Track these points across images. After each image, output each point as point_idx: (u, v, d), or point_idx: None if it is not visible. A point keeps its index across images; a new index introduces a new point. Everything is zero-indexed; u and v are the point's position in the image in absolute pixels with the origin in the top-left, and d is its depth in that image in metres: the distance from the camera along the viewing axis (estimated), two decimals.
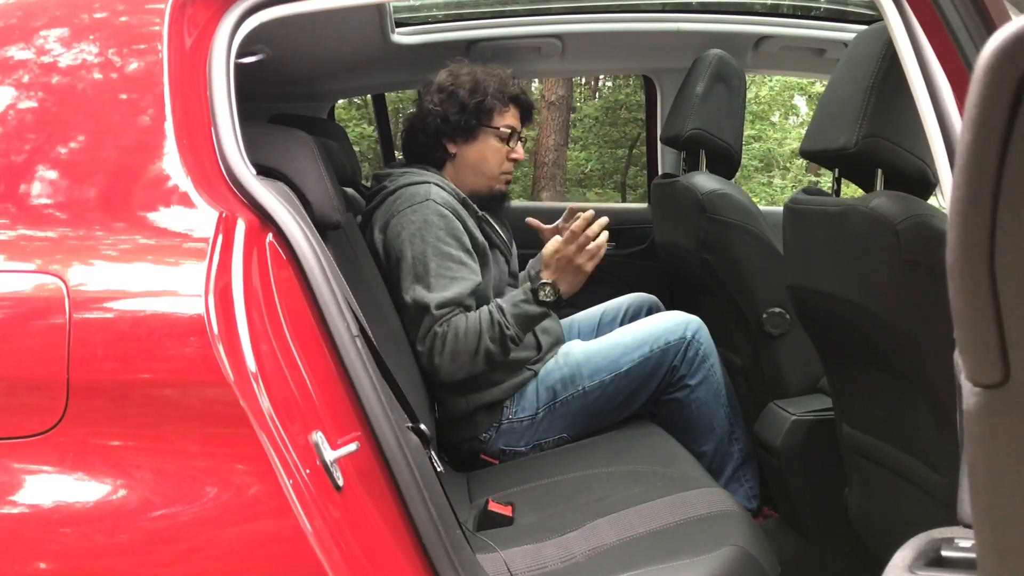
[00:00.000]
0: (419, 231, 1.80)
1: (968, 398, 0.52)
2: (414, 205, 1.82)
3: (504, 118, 1.98)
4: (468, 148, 1.98)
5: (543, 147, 8.55)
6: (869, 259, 1.27)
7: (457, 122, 1.95)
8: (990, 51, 0.45)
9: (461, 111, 1.95)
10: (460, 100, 1.94)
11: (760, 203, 3.50)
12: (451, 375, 1.79)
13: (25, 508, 0.92)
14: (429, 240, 1.79)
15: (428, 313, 1.76)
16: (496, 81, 1.97)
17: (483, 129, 1.97)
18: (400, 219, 1.83)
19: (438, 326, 1.76)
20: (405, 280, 1.80)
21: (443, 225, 1.81)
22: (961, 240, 0.49)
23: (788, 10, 2.39)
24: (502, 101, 1.97)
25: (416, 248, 1.79)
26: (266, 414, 0.93)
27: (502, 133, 1.98)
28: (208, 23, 1.17)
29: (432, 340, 1.76)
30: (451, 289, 1.78)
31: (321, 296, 1.09)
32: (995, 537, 0.54)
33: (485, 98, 1.94)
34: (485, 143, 1.98)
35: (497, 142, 1.98)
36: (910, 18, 1.12)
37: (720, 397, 1.96)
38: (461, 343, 1.76)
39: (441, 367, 1.77)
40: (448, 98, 1.95)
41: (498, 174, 2.01)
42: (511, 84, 1.99)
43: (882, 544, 1.42)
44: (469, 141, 1.98)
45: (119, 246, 1.02)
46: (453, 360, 1.77)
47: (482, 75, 1.97)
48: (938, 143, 1.10)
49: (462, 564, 1.12)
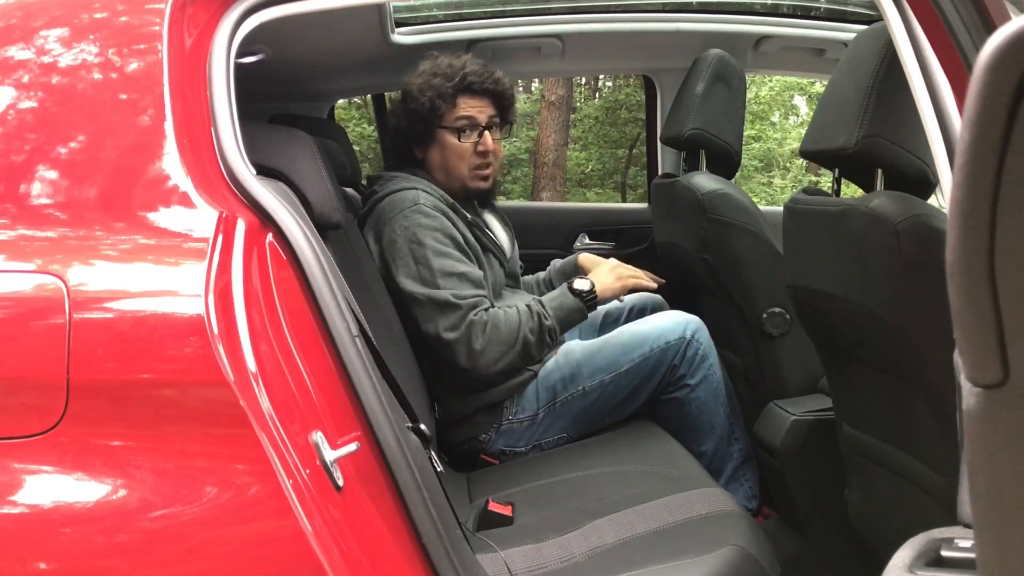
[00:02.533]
0: (414, 235, 1.79)
1: (968, 398, 0.52)
2: (404, 211, 1.82)
3: (456, 112, 1.93)
4: (431, 151, 1.97)
5: (543, 147, 8.55)
6: (869, 259, 1.27)
7: (410, 128, 1.95)
8: (990, 51, 0.45)
9: (410, 117, 1.94)
10: (408, 107, 1.94)
11: (760, 203, 3.49)
12: (488, 366, 1.79)
13: (25, 508, 0.92)
14: (426, 242, 1.79)
15: (454, 307, 1.76)
16: (442, 78, 1.91)
17: (436, 130, 1.94)
18: (392, 227, 1.82)
19: (473, 315, 1.76)
20: (411, 285, 1.79)
21: (436, 225, 1.81)
22: (961, 240, 0.49)
23: (788, 10, 2.39)
24: (446, 98, 1.91)
25: (416, 252, 1.79)
26: (266, 414, 0.93)
27: (455, 128, 1.93)
28: (208, 23, 1.17)
29: (469, 329, 1.76)
30: (464, 283, 1.78)
31: (321, 296, 1.09)
32: (995, 537, 0.54)
33: (427, 99, 1.91)
34: (443, 143, 1.95)
35: (454, 139, 1.94)
36: (910, 18, 1.12)
37: (720, 397, 1.96)
38: (501, 333, 1.77)
39: (482, 355, 1.77)
40: (401, 105, 1.97)
41: (468, 171, 1.96)
42: (461, 76, 1.91)
43: (882, 544, 1.42)
44: (429, 144, 1.97)
45: (119, 246, 1.02)
46: (491, 349, 1.77)
47: (431, 74, 1.93)
48: (938, 143, 1.10)
49: (462, 564, 1.12)
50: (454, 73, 1.92)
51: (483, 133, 1.95)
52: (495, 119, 1.98)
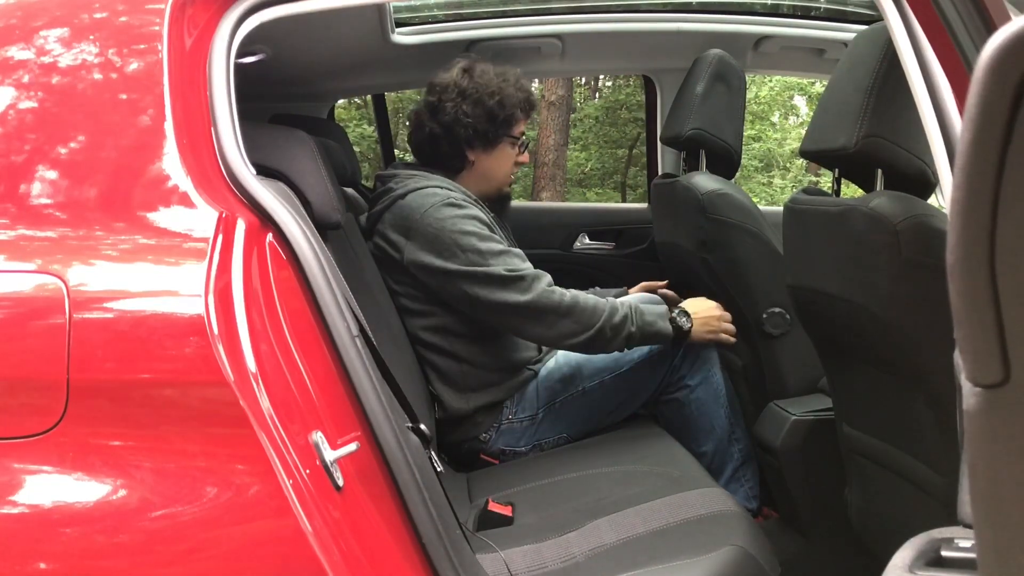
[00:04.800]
0: (455, 226, 1.77)
1: (968, 398, 0.52)
2: (436, 205, 1.79)
3: (520, 126, 2.00)
4: (487, 157, 1.97)
5: (543, 147, 8.54)
6: (869, 259, 1.27)
7: (482, 132, 1.93)
8: (990, 51, 0.45)
9: (489, 121, 1.92)
10: (488, 110, 1.90)
11: (760, 203, 3.50)
12: (549, 337, 1.77)
13: (25, 508, 0.92)
14: (469, 230, 1.77)
15: (520, 276, 1.73)
16: (517, 90, 1.94)
17: (503, 138, 1.96)
18: (426, 221, 1.78)
19: (544, 283, 1.74)
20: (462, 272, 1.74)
21: (473, 214, 1.80)
22: (961, 240, 0.49)
23: (788, 10, 2.39)
24: (524, 111, 1.97)
25: (462, 241, 1.75)
26: (266, 414, 0.93)
27: (516, 140, 1.99)
28: (208, 23, 1.17)
29: (550, 295, 1.73)
30: (514, 259, 1.77)
31: (321, 296, 1.09)
32: (995, 537, 0.54)
33: (513, 110, 1.93)
34: (502, 151, 1.98)
35: (512, 149, 1.99)
36: (910, 18, 1.12)
37: (720, 397, 1.96)
38: (583, 314, 1.74)
39: (557, 323, 1.73)
40: (475, 106, 1.90)
41: (506, 179, 2.04)
42: (528, 95, 1.98)
43: (882, 544, 1.42)
44: (488, 150, 1.96)
45: (119, 246, 1.02)
46: (566, 321, 1.73)
47: (502, 82, 1.93)
48: (938, 143, 1.10)
49: (462, 564, 1.12)
50: (525, 89, 1.97)
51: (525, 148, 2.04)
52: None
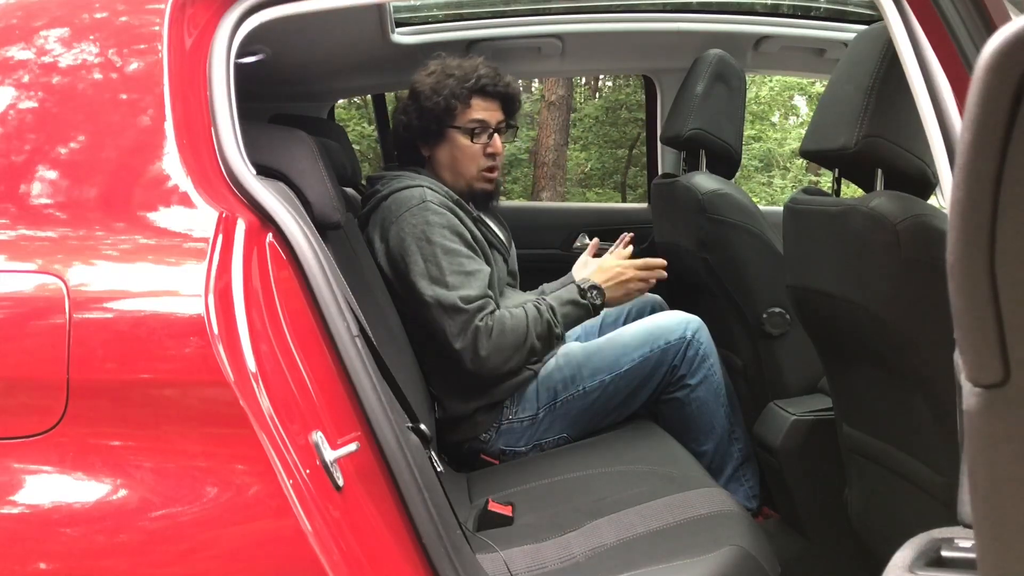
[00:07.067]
0: (423, 233, 1.79)
1: (968, 398, 0.52)
2: (411, 208, 1.81)
3: (469, 114, 1.93)
4: (439, 150, 1.97)
5: (543, 147, 8.54)
6: (869, 259, 1.27)
7: (420, 127, 1.94)
8: (990, 51, 0.45)
9: (421, 116, 1.93)
10: (420, 104, 1.93)
11: (760, 203, 3.49)
12: (496, 368, 1.80)
13: (25, 508, 0.92)
14: (435, 240, 1.79)
15: (460, 311, 1.76)
16: (456, 79, 1.92)
17: (448, 129, 1.94)
18: (400, 225, 1.81)
19: (479, 321, 1.76)
20: (420, 283, 1.78)
21: (444, 223, 1.81)
22: (961, 240, 0.49)
23: (788, 10, 2.39)
24: (461, 98, 1.91)
25: (425, 251, 1.78)
26: (266, 414, 0.93)
27: (468, 129, 1.94)
28: (208, 23, 1.17)
29: (475, 335, 1.76)
30: (473, 284, 1.78)
31: (321, 296, 1.09)
32: (995, 537, 0.54)
33: (442, 98, 1.90)
34: (453, 143, 1.95)
35: (465, 139, 1.94)
36: (910, 18, 1.12)
37: (720, 397, 1.96)
38: (508, 337, 1.77)
39: (488, 360, 1.77)
40: (411, 102, 1.95)
41: (476, 172, 1.97)
42: (476, 78, 1.92)
43: (882, 544, 1.42)
44: (438, 143, 1.96)
45: (119, 246, 1.02)
46: (498, 353, 1.78)
47: (443, 74, 1.93)
48: (938, 143, 1.10)
49: (462, 564, 1.12)
50: (468, 74, 1.92)
51: (492, 135, 1.96)
52: (502, 123, 1.99)
